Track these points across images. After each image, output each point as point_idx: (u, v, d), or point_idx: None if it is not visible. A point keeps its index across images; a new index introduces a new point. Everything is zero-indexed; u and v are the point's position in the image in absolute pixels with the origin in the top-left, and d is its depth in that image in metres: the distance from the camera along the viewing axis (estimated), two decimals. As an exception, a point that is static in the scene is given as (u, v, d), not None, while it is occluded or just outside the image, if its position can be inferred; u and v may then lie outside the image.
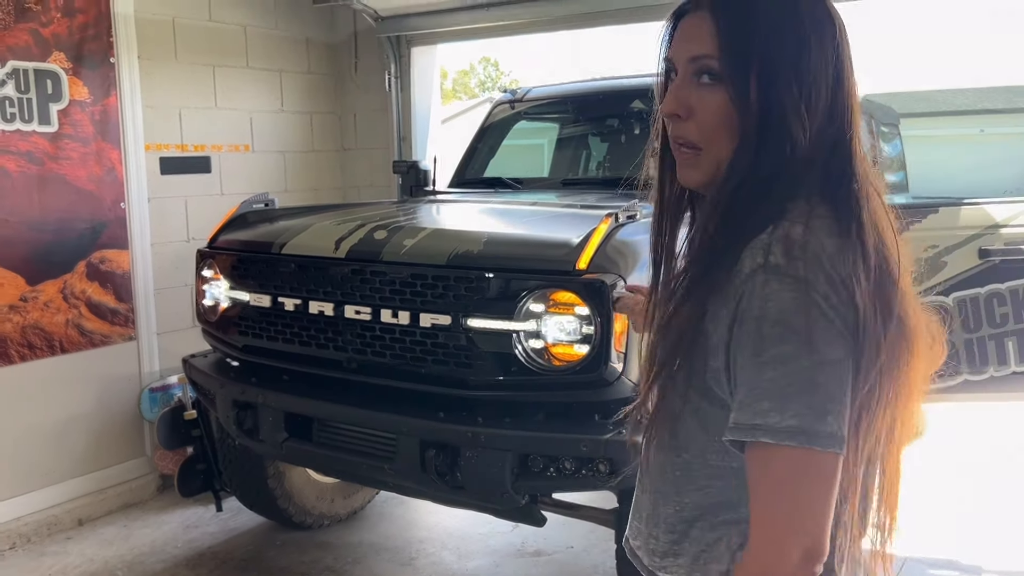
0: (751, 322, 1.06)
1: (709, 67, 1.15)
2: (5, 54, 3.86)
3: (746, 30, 1.12)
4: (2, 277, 3.93)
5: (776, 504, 1.05)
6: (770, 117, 1.12)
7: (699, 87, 1.16)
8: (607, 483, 2.66)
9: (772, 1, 1.13)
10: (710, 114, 1.15)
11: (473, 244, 2.78)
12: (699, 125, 1.17)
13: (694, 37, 1.16)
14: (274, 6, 5.12)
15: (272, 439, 3.11)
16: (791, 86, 1.11)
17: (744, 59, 1.12)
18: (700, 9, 1.16)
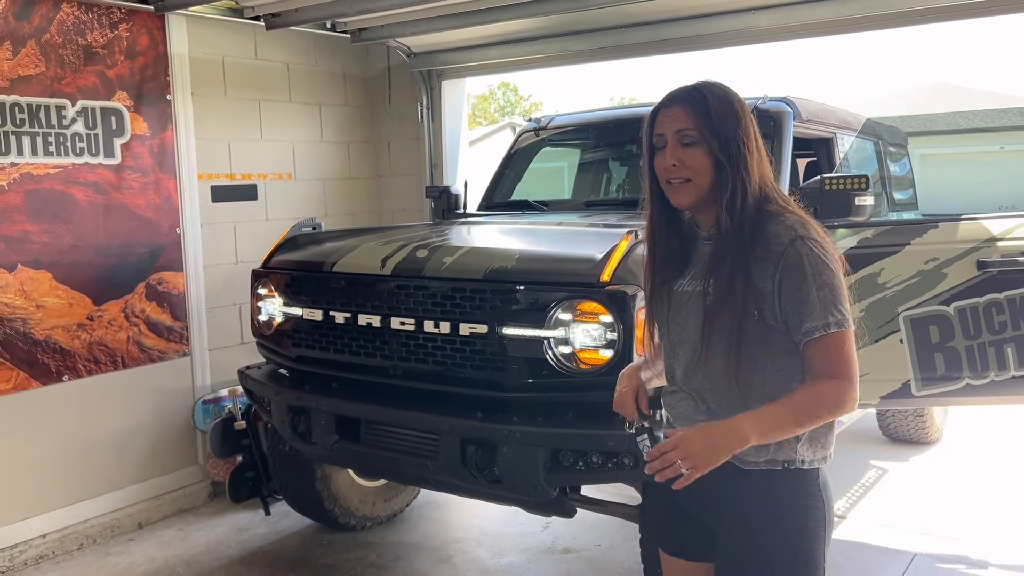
0: (798, 269, 1.77)
1: (688, 135, 1.85)
2: (75, 94, 4.24)
3: (706, 114, 1.85)
4: (71, 298, 4.28)
5: (845, 363, 1.76)
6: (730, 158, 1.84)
7: (683, 148, 1.86)
8: (631, 476, 2.93)
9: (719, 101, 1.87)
10: (693, 161, 1.86)
11: (507, 260, 3.08)
12: (689, 169, 1.86)
13: (677, 118, 1.87)
14: (314, 44, 5.49)
15: (324, 441, 3.41)
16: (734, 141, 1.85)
17: (708, 129, 1.84)
18: (676, 104, 1.88)
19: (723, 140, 1.83)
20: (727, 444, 1.72)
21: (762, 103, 4.29)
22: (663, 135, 1.88)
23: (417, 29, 4.78)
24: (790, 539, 1.82)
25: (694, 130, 1.83)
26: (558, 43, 4.87)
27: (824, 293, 1.75)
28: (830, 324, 1.75)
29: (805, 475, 1.84)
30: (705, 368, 1.87)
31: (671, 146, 1.86)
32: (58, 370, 4.24)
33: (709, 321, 1.84)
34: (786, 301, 1.77)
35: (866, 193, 3.83)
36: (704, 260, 1.91)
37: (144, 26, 4.53)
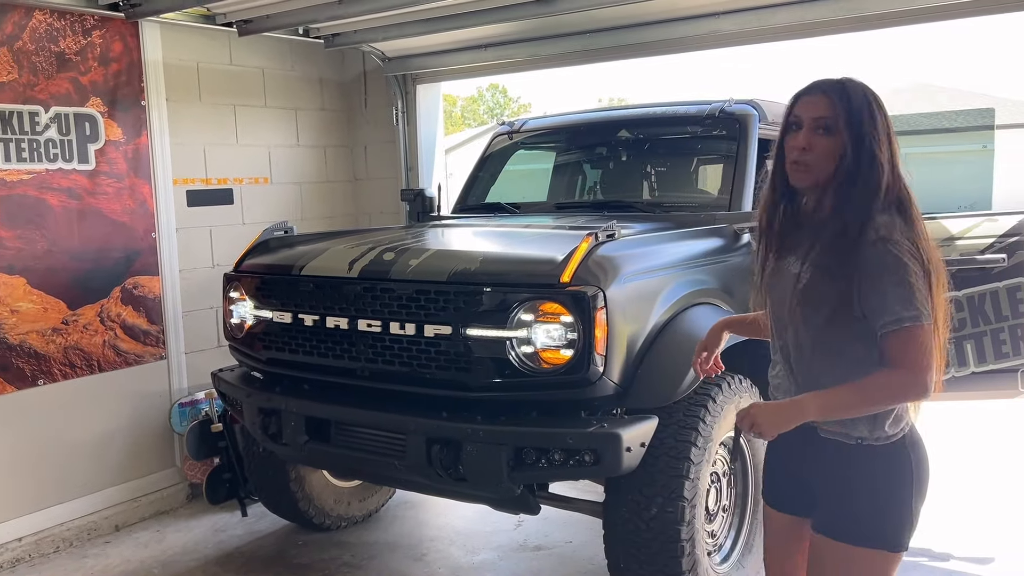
0: (877, 268, 1.92)
1: (823, 123, 2.00)
2: (49, 101, 4.28)
3: (846, 109, 1.99)
4: (46, 302, 4.32)
5: (914, 355, 1.90)
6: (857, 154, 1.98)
7: (815, 134, 2.01)
8: (592, 472, 3.00)
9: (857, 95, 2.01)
10: (821, 148, 2.01)
11: (471, 262, 3.14)
12: (815, 154, 2.01)
13: (817, 106, 2.02)
14: (290, 50, 5.54)
15: (294, 442, 3.46)
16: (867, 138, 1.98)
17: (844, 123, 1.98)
18: (819, 92, 2.03)
19: (859, 139, 1.98)
20: (789, 417, 2.00)
21: (727, 106, 4.36)
22: (800, 117, 2.04)
23: (389, 34, 4.83)
24: (876, 501, 2.04)
25: (831, 120, 1.99)
26: (528, 48, 4.94)
27: (900, 291, 1.91)
28: (903, 319, 1.90)
29: (885, 447, 2.04)
30: (795, 343, 2.11)
31: (806, 130, 2.02)
32: (33, 374, 4.27)
33: (799, 303, 2.05)
34: (865, 296, 1.94)
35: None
36: (806, 243, 2.07)
37: (118, 33, 4.57)
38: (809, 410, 1.98)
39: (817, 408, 1.98)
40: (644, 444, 2.96)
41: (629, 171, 4.72)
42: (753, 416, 2.00)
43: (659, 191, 4.56)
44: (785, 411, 2.00)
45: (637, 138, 4.66)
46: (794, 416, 1.98)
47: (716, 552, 3.46)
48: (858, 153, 1.97)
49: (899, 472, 2.04)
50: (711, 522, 3.41)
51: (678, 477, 3.05)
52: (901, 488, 2.04)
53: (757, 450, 3.56)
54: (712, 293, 3.48)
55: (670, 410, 3.10)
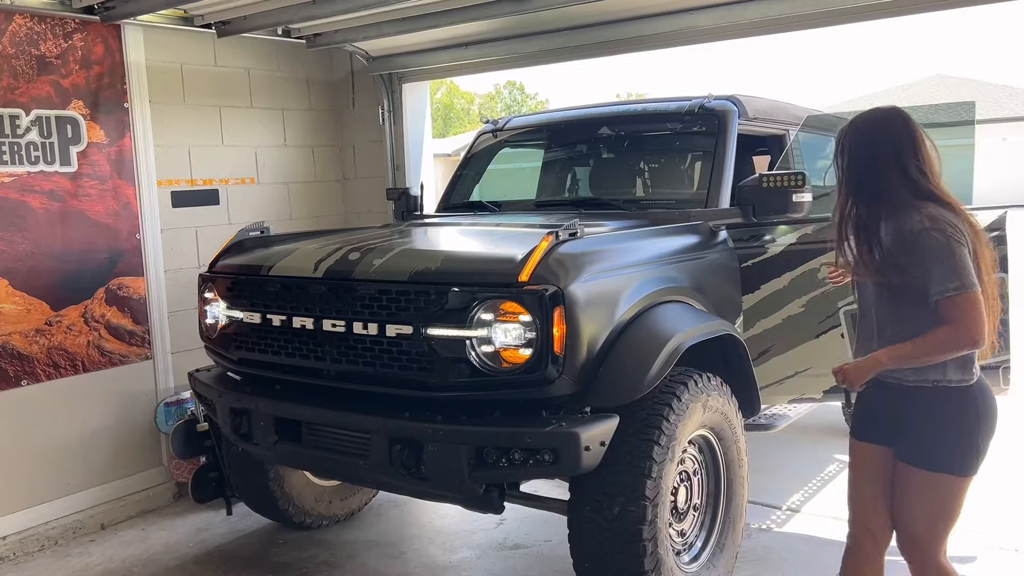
0: (924, 251, 2.42)
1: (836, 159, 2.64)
2: (29, 104, 4.32)
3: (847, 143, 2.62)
4: (29, 304, 4.36)
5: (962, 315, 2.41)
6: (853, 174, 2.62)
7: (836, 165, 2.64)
8: (551, 471, 2.99)
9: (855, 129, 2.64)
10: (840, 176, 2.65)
11: (432, 261, 3.14)
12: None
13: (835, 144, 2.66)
14: (276, 50, 5.56)
15: (265, 441, 3.48)
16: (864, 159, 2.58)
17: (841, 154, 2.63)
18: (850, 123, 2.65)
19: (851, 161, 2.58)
20: (867, 368, 2.58)
21: (707, 102, 4.34)
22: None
23: (368, 34, 4.84)
24: (949, 434, 2.53)
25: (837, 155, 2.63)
26: (506, 46, 4.93)
27: (944, 267, 2.40)
28: (948, 290, 2.40)
29: (958, 390, 2.53)
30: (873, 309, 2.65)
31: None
32: (16, 375, 4.32)
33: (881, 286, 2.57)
34: (917, 273, 2.44)
35: (803, 190, 3.87)
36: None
37: (99, 35, 4.60)
38: (882, 361, 2.53)
39: (888, 359, 2.52)
40: (604, 443, 2.95)
41: (609, 168, 4.71)
42: (844, 372, 2.61)
43: (638, 188, 4.55)
44: (864, 365, 2.58)
45: (617, 135, 4.65)
46: (871, 367, 2.56)
47: (685, 551, 3.44)
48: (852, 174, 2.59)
49: (968, 410, 2.53)
50: (680, 521, 3.39)
51: (640, 476, 3.03)
52: (969, 423, 2.52)
53: (728, 448, 3.54)
54: (682, 291, 3.46)
55: (633, 409, 3.08)
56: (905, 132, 2.55)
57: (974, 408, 2.53)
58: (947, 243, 2.40)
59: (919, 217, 2.44)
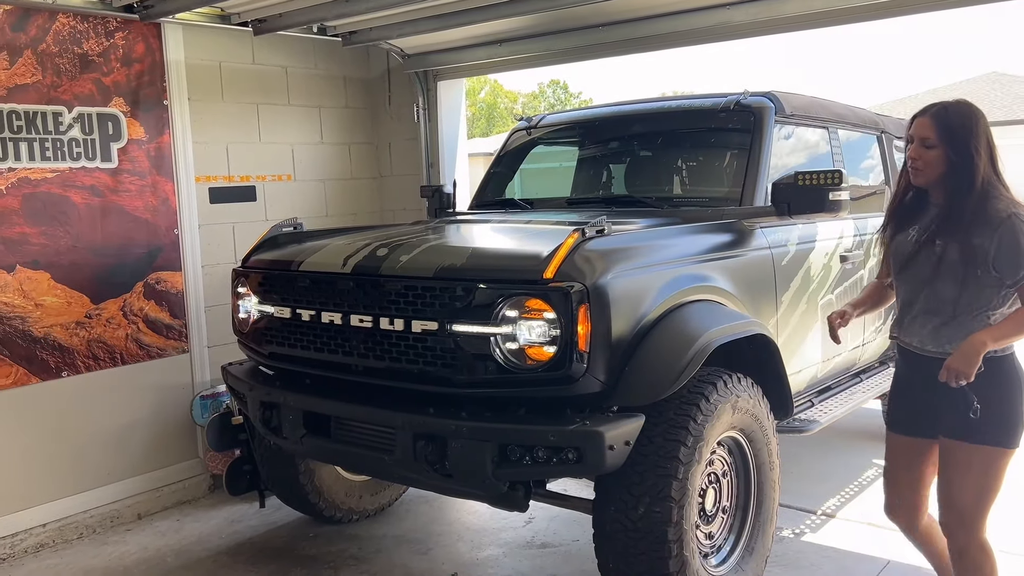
0: (1012, 235, 2.58)
1: (928, 142, 2.70)
2: (72, 101, 4.41)
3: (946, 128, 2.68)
4: (70, 296, 4.46)
5: None
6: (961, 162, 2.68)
7: (923, 148, 2.72)
8: (576, 470, 2.96)
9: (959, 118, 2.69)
10: (928, 159, 2.72)
11: (458, 258, 3.14)
12: (923, 163, 2.72)
13: (923, 127, 2.72)
14: (313, 48, 5.61)
15: (293, 435, 3.50)
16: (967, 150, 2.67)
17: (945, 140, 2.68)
18: (926, 116, 2.73)
19: (956, 149, 2.65)
20: (974, 354, 2.58)
21: (743, 98, 4.27)
22: (912, 136, 2.73)
23: (404, 31, 4.86)
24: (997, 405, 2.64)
25: (933, 140, 2.68)
26: (541, 43, 4.91)
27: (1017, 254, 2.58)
28: None
29: (1002, 359, 2.67)
30: (935, 297, 2.73)
31: (915, 145, 2.72)
32: (57, 366, 4.42)
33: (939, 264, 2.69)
34: (1002, 257, 2.58)
35: (840, 188, 3.79)
36: (933, 220, 2.74)
37: (140, 34, 4.69)
38: (987, 343, 2.59)
39: (992, 340, 2.59)
40: (629, 443, 2.92)
41: (643, 166, 4.66)
42: (953, 369, 2.59)
43: (672, 186, 4.49)
44: (969, 353, 2.59)
45: (652, 132, 4.60)
46: (977, 352, 2.58)
47: (713, 554, 3.39)
48: (964, 161, 2.64)
49: (1013, 380, 2.65)
50: (708, 523, 3.34)
51: (666, 477, 2.99)
52: (1013, 393, 2.64)
53: (758, 450, 3.48)
54: (712, 290, 3.41)
55: (660, 408, 3.05)
56: (988, 125, 2.70)
57: (1017, 377, 2.67)
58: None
59: (1004, 204, 2.61)
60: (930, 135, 2.68)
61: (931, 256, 2.72)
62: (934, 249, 2.72)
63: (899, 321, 2.91)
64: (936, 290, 2.73)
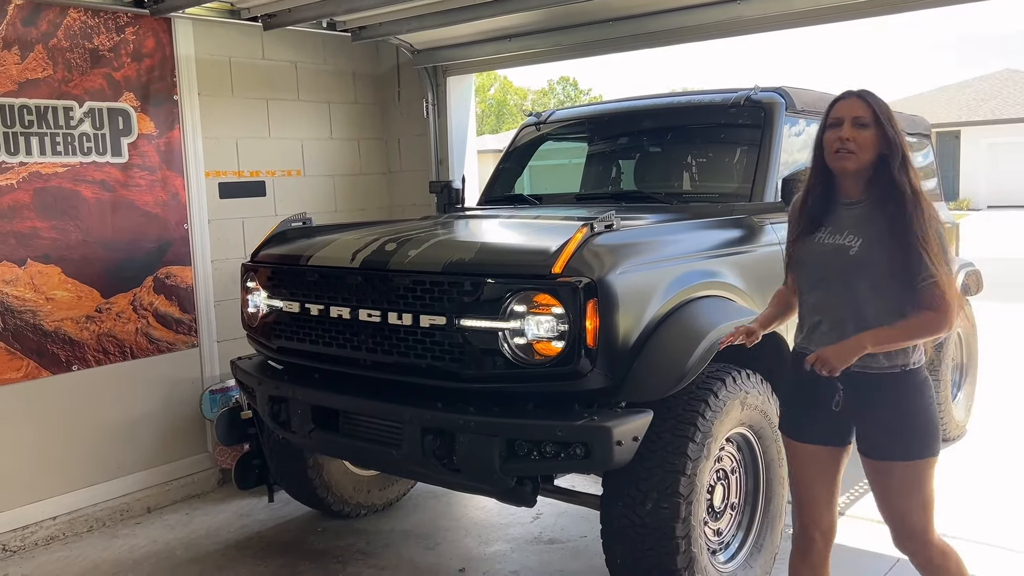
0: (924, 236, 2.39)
1: (863, 120, 2.49)
2: (83, 96, 4.43)
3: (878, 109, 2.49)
4: (80, 291, 4.48)
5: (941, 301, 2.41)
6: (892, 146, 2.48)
7: (856, 128, 2.49)
8: (583, 466, 2.96)
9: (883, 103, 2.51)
10: (864, 139, 2.49)
11: (466, 252, 3.14)
12: (858, 144, 2.49)
13: (855, 107, 2.51)
14: (322, 44, 5.61)
15: (301, 429, 3.51)
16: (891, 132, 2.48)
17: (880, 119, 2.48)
18: (854, 97, 2.53)
19: (890, 130, 2.47)
20: (851, 351, 2.44)
21: (754, 94, 4.25)
22: (840, 118, 2.52)
23: (412, 26, 4.85)
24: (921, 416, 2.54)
25: (868, 118, 2.49)
26: (550, 38, 4.90)
27: (935, 254, 2.40)
28: (934, 275, 2.40)
29: (917, 371, 2.55)
30: (846, 302, 2.54)
31: (847, 125, 2.50)
32: (68, 360, 4.44)
33: (854, 267, 2.50)
34: (907, 257, 2.42)
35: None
36: (847, 221, 2.54)
37: (150, 29, 4.70)
38: (867, 344, 2.44)
39: (873, 342, 2.44)
40: (637, 439, 2.91)
41: (652, 161, 4.65)
42: (824, 358, 2.45)
43: (681, 181, 4.48)
44: (847, 348, 2.45)
45: (661, 128, 4.59)
46: (855, 351, 2.44)
47: (721, 550, 3.38)
48: (888, 143, 2.46)
49: (927, 389, 2.56)
50: (717, 520, 3.34)
51: (674, 473, 2.99)
52: (930, 402, 2.56)
53: (767, 447, 3.47)
54: (722, 286, 3.40)
55: (668, 404, 3.04)
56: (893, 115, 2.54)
57: (928, 387, 2.58)
58: (940, 231, 2.43)
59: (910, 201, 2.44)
60: (864, 114, 2.48)
61: (845, 259, 2.51)
62: (848, 251, 2.51)
63: (807, 331, 2.65)
64: (850, 296, 2.53)
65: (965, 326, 5.79)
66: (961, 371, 5.89)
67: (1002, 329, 8.80)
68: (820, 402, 2.58)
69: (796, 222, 2.70)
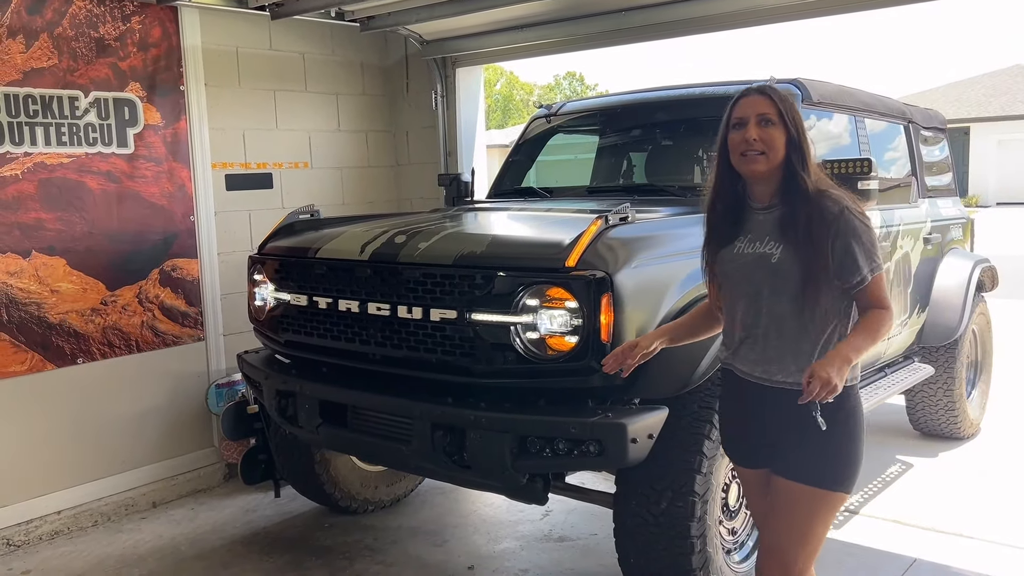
0: (848, 234, 2.22)
1: (768, 118, 2.26)
2: (88, 86, 4.37)
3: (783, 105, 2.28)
4: (85, 283, 4.43)
5: (885, 297, 2.25)
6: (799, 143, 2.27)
7: (762, 127, 2.27)
8: (597, 463, 2.89)
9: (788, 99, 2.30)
10: (771, 138, 2.26)
11: (478, 245, 3.07)
12: (766, 144, 2.26)
13: (759, 104, 2.28)
14: (330, 34, 5.55)
15: (309, 424, 3.46)
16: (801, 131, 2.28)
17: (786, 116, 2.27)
18: (756, 94, 2.30)
19: (795, 127, 2.27)
20: (843, 364, 2.12)
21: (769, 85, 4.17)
22: (744, 117, 2.30)
23: (421, 16, 4.79)
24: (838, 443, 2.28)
25: (774, 115, 2.27)
26: (561, 28, 4.82)
27: (866, 248, 2.23)
28: (874, 270, 2.24)
29: (849, 391, 2.29)
30: (771, 313, 2.31)
31: (752, 125, 2.27)
32: (72, 353, 4.39)
33: (778, 276, 2.28)
34: (839, 258, 2.22)
35: (870, 177, 3.70)
36: (766, 227, 2.32)
37: (157, 18, 4.64)
38: (850, 355, 2.15)
39: (854, 351, 2.17)
40: (652, 436, 2.85)
41: (665, 154, 4.57)
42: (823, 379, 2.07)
43: (694, 175, 4.40)
44: (840, 359, 2.13)
45: (674, 120, 4.51)
46: (844, 362, 2.13)
47: (736, 550, 3.32)
48: (800, 142, 2.26)
49: (856, 414, 2.32)
50: (731, 519, 3.28)
51: (689, 471, 2.93)
52: (857, 430, 2.31)
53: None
54: (737, 280, 3.32)
55: (683, 401, 2.98)
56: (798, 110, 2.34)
57: (860, 412, 2.33)
58: (865, 222, 2.25)
59: (835, 199, 2.25)
60: (769, 111, 2.25)
61: (767, 268, 2.28)
62: (770, 259, 2.28)
63: (734, 347, 2.41)
64: (775, 307, 2.29)
65: (980, 323, 5.72)
66: (976, 368, 5.82)
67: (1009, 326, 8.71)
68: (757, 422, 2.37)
69: (710, 233, 2.45)
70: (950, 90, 32.84)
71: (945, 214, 5.46)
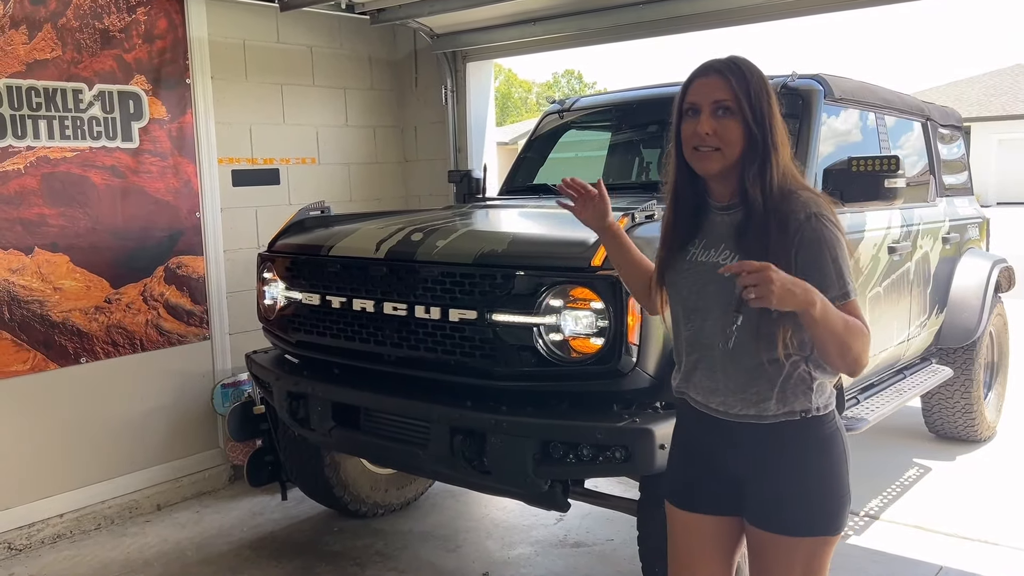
0: (815, 243, 1.84)
1: (725, 105, 1.88)
2: (92, 78, 4.26)
3: (745, 88, 1.87)
4: (89, 280, 4.32)
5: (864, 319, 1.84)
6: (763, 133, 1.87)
7: (717, 118, 1.88)
8: (623, 469, 2.79)
9: (756, 77, 1.90)
10: (727, 131, 1.88)
11: (498, 244, 2.97)
12: (721, 138, 1.88)
13: (714, 88, 1.89)
14: (339, 28, 5.44)
15: (321, 427, 3.36)
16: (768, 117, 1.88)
17: (746, 102, 1.87)
18: (713, 74, 1.90)
19: (758, 114, 1.87)
20: (802, 295, 1.71)
21: (791, 80, 4.08)
22: (697, 104, 1.91)
23: (433, 9, 4.68)
24: (822, 482, 1.95)
25: (731, 101, 1.88)
26: (575, 22, 4.72)
27: (838, 265, 1.85)
28: (848, 293, 1.85)
29: (822, 419, 1.95)
30: (724, 332, 1.92)
31: (706, 115, 1.90)
32: (76, 352, 4.28)
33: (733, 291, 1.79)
34: (804, 272, 1.81)
35: (896, 175, 3.61)
36: (722, 230, 1.97)
37: (163, 10, 4.53)
38: (817, 301, 1.72)
39: (823, 305, 1.74)
40: (679, 441, 2.75)
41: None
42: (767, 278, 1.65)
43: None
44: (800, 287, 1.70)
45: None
46: (807, 297, 1.71)
47: (761, 558, 3.22)
48: (765, 131, 1.87)
49: (837, 448, 1.97)
50: (757, 526, 3.18)
51: (717, 477, 2.83)
52: (840, 464, 1.97)
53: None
54: (763, 280, 3.23)
55: (711, 405, 2.88)
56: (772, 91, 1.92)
57: (842, 445, 1.98)
58: (838, 235, 1.85)
59: (802, 202, 1.86)
60: (726, 96, 1.87)
61: (718, 281, 1.91)
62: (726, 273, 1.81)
63: (685, 371, 2.07)
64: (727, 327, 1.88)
65: (997, 324, 5.63)
66: (992, 370, 5.74)
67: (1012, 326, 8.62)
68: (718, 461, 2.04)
69: (665, 233, 2.10)
70: (950, 89, 32.76)
71: (962, 213, 5.38)
